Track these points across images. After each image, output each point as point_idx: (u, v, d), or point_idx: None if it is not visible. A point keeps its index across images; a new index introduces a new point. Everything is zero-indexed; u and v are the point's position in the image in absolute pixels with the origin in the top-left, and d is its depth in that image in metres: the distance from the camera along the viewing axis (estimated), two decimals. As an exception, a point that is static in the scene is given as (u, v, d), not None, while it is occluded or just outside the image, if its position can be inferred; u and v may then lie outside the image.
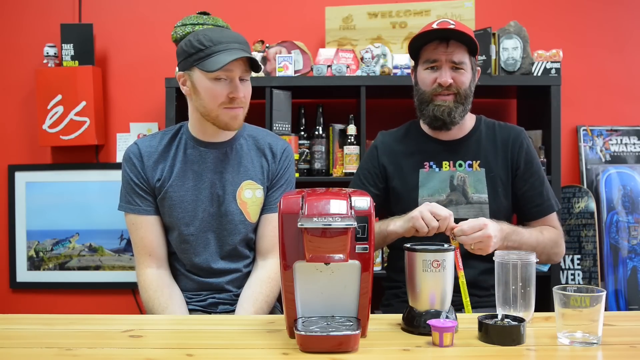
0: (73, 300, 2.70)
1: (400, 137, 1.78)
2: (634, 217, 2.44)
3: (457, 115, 1.64)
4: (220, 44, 1.49)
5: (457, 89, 1.63)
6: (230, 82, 1.52)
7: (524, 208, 1.71)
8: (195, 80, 1.53)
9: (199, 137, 1.63)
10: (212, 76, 1.50)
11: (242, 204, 1.61)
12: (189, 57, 1.51)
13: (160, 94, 2.51)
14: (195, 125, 1.63)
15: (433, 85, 1.64)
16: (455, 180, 1.68)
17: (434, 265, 1.15)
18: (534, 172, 1.70)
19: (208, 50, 1.49)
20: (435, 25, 1.62)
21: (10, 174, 2.70)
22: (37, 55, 2.65)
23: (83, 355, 1.06)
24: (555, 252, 1.68)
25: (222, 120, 1.55)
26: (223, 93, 1.52)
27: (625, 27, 2.65)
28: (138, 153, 1.61)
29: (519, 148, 1.70)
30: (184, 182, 1.60)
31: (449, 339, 1.08)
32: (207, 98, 1.53)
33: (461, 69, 1.63)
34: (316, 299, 1.14)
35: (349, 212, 1.08)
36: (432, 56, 1.63)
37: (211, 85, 1.51)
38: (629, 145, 2.63)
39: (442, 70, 1.62)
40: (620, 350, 1.07)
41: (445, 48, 1.61)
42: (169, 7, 2.67)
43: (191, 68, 1.53)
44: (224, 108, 1.53)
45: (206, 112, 1.55)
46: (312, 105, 2.51)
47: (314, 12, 2.61)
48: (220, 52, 1.49)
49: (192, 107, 1.61)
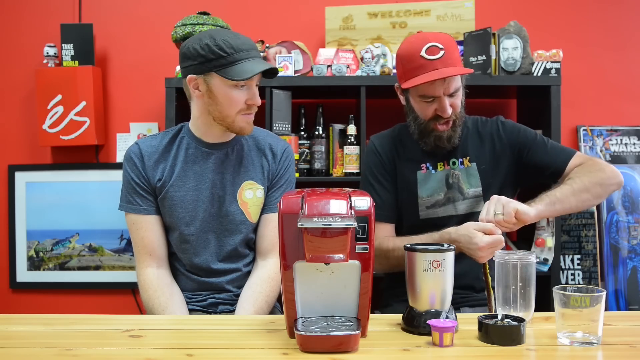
0: (73, 300, 2.70)
1: (394, 142, 1.78)
2: (634, 217, 2.44)
3: (455, 139, 1.67)
4: (241, 52, 1.49)
5: (455, 114, 1.63)
6: (248, 89, 1.53)
7: (544, 176, 1.68)
8: (212, 86, 1.52)
9: (201, 138, 1.62)
10: (233, 84, 1.50)
11: (243, 204, 1.62)
12: (208, 62, 1.48)
13: (160, 94, 2.51)
14: (200, 126, 1.62)
15: (432, 116, 1.63)
16: (450, 178, 1.70)
17: (434, 265, 1.15)
18: (529, 143, 1.69)
19: (230, 57, 1.48)
20: (424, 53, 1.55)
21: (10, 174, 2.70)
22: (37, 55, 2.65)
23: (83, 355, 1.06)
24: (603, 191, 1.58)
25: (238, 126, 1.56)
26: (242, 100, 1.53)
27: (625, 27, 2.65)
28: (139, 153, 1.61)
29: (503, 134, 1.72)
30: (185, 182, 1.60)
31: (449, 339, 1.08)
32: (225, 104, 1.53)
33: (456, 94, 1.62)
34: (316, 299, 1.14)
35: (349, 212, 1.08)
36: (430, 92, 1.59)
37: (230, 92, 1.51)
38: (629, 145, 2.63)
39: (442, 103, 1.60)
40: (620, 350, 1.07)
41: (442, 83, 1.57)
42: (169, 7, 2.67)
43: (208, 73, 1.50)
44: (242, 114, 1.54)
45: (222, 117, 1.55)
46: (312, 105, 2.51)
47: (314, 12, 2.61)
48: (243, 60, 1.49)
49: (201, 109, 1.59)
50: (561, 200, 1.52)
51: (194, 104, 1.61)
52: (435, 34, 1.62)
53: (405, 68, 1.61)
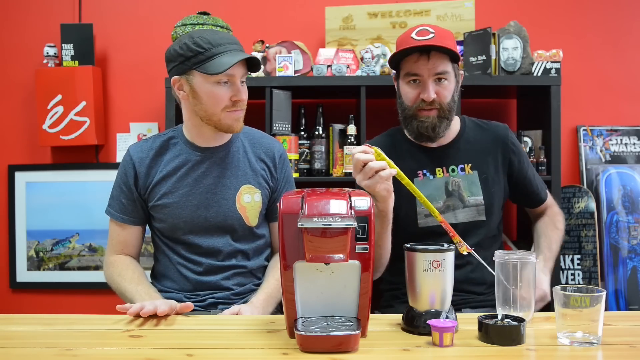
0: (73, 300, 2.70)
1: (389, 147, 1.72)
2: (634, 217, 2.44)
3: (441, 130, 1.64)
4: (219, 46, 1.47)
5: (440, 103, 1.60)
6: (232, 85, 1.51)
7: (525, 199, 1.81)
8: (195, 85, 1.51)
9: (195, 142, 1.61)
10: (214, 79, 1.48)
11: (242, 208, 1.61)
12: (187, 60, 1.48)
13: (160, 94, 2.51)
14: (191, 130, 1.61)
15: (416, 101, 1.61)
16: (450, 185, 1.68)
17: (434, 265, 1.15)
18: (525, 166, 1.76)
19: (208, 52, 1.47)
20: (414, 34, 1.58)
21: (10, 174, 2.70)
22: (37, 55, 2.65)
23: (83, 355, 1.06)
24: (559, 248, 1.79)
25: (225, 124, 1.54)
26: (226, 96, 1.51)
27: (625, 27, 2.65)
28: (130, 161, 1.61)
29: (507, 146, 1.73)
30: (178, 188, 1.59)
31: (449, 339, 1.08)
32: (209, 102, 1.51)
33: (444, 79, 1.60)
34: (316, 299, 1.14)
35: (349, 212, 1.08)
36: (414, 69, 1.58)
37: (213, 89, 1.49)
38: (629, 145, 2.63)
39: (425, 85, 1.58)
40: (620, 350, 1.07)
41: (426, 61, 1.56)
42: (169, 7, 2.67)
43: (189, 72, 1.50)
44: (227, 111, 1.52)
45: (207, 116, 1.53)
46: (312, 105, 2.51)
47: (314, 12, 2.61)
48: (221, 54, 1.47)
49: (189, 111, 1.58)
50: (554, 251, 1.74)
51: (183, 107, 1.60)
52: (433, 25, 1.63)
53: (397, 50, 1.61)
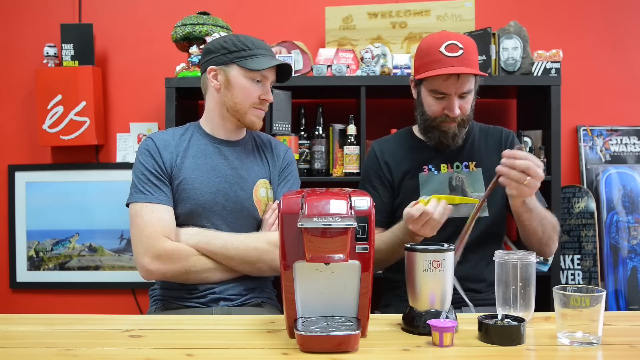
0: (73, 300, 2.70)
1: (396, 146, 1.79)
2: (634, 217, 2.44)
3: (460, 138, 1.69)
4: (261, 49, 1.64)
5: (462, 116, 1.64)
6: (263, 86, 1.65)
7: None
8: (231, 76, 1.63)
9: (213, 134, 1.69)
10: (250, 75, 1.62)
11: (258, 201, 1.68)
12: (230, 53, 1.62)
13: (160, 94, 2.51)
14: (212, 119, 1.69)
15: (441, 115, 1.64)
16: (453, 181, 1.71)
17: (434, 265, 1.15)
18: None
19: (250, 51, 1.62)
20: (443, 49, 1.58)
21: (10, 174, 2.70)
22: (37, 55, 2.65)
23: (83, 355, 1.06)
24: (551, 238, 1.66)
25: (249, 119, 1.66)
26: (256, 94, 1.64)
27: (625, 27, 2.65)
28: (154, 145, 1.65)
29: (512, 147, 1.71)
30: (199, 175, 1.63)
31: (449, 339, 1.08)
32: (240, 95, 1.63)
33: (468, 95, 1.63)
34: (316, 299, 1.14)
35: (349, 212, 1.08)
36: (442, 88, 1.61)
37: (247, 84, 1.63)
38: (629, 145, 2.63)
39: (451, 101, 1.61)
40: (620, 350, 1.08)
41: (455, 80, 1.59)
42: (169, 7, 2.67)
43: (229, 64, 1.62)
44: (254, 107, 1.65)
45: (235, 107, 1.64)
46: (312, 105, 2.51)
47: (314, 12, 2.61)
48: (261, 55, 1.63)
49: (216, 102, 1.67)
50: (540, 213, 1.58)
51: (209, 97, 1.69)
52: (458, 34, 1.65)
53: (423, 61, 1.63)
